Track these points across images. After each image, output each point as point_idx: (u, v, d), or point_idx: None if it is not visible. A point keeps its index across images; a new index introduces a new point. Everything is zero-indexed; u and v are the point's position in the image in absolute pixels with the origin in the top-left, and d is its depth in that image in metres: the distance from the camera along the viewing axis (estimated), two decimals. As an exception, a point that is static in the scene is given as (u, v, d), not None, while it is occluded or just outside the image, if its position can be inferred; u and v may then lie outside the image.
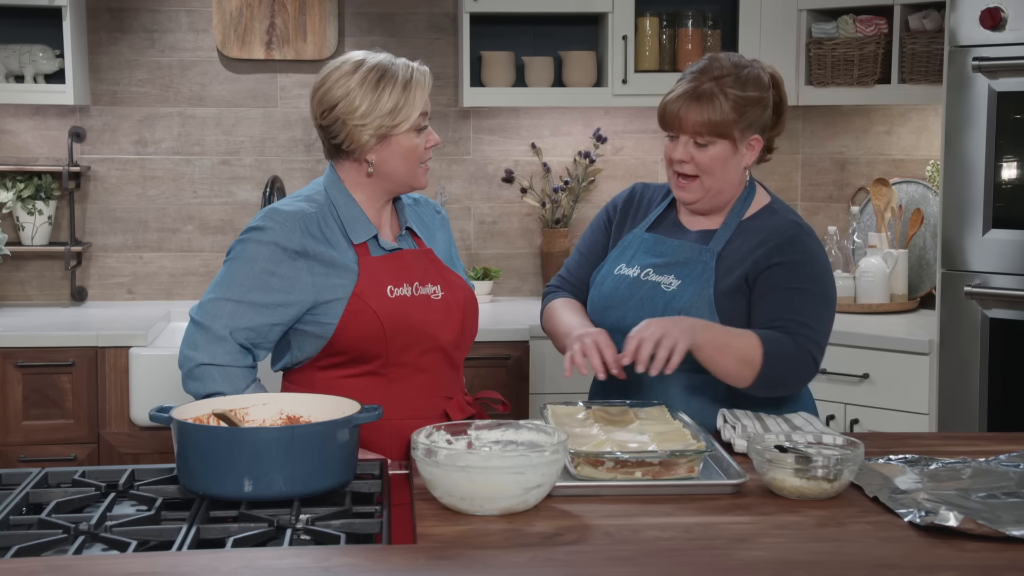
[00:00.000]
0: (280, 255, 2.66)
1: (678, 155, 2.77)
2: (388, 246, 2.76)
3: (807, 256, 2.74)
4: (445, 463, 2.08)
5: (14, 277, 4.82)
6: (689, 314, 2.70)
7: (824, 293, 2.74)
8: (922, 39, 4.42)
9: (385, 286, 2.71)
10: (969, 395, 3.99)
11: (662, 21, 4.75)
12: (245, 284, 2.66)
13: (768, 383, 2.66)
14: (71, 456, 4.15)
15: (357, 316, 2.68)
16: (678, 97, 2.75)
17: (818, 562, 1.88)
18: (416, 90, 2.71)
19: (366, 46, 4.79)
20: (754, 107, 2.75)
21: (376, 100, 2.67)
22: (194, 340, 2.66)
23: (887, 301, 4.59)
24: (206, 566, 1.83)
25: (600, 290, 2.86)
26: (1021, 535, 1.94)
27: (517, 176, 4.95)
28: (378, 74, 2.69)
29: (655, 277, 2.79)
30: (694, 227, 2.85)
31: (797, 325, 2.68)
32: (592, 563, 1.87)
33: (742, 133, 2.75)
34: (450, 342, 2.78)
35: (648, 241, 2.86)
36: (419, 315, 2.73)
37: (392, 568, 1.84)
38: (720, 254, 2.76)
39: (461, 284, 2.85)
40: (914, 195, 4.77)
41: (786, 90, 2.88)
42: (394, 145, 2.72)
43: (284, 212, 2.71)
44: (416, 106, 2.71)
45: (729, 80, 2.73)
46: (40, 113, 4.76)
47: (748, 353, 2.61)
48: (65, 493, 2.24)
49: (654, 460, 2.26)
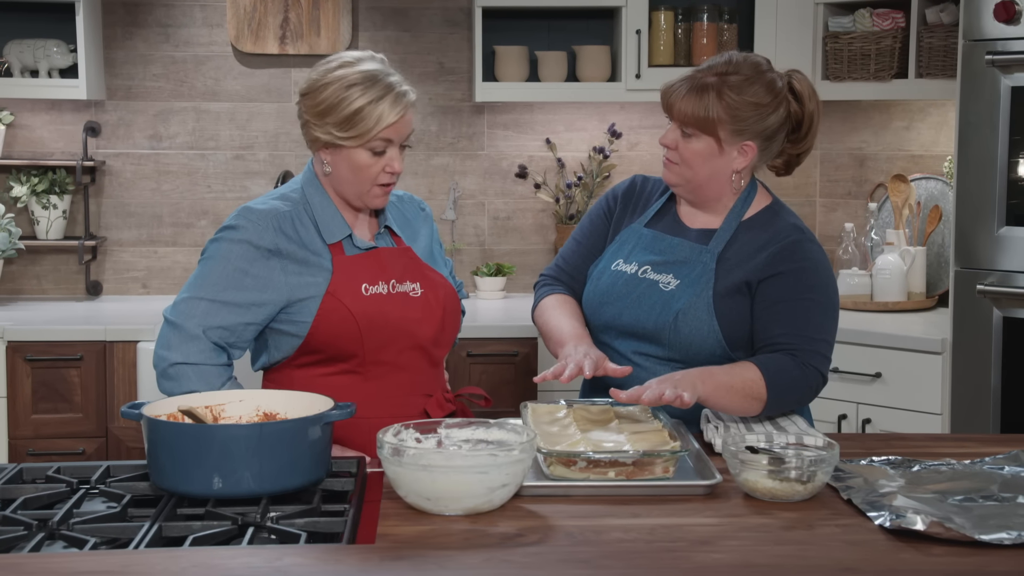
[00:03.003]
0: (253, 254, 2.65)
1: (666, 140, 2.74)
2: (364, 244, 2.74)
3: (809, 263, 2.68)
4: (408, 462, 2.06)
5: (30, 271, 4.84)
6: (687, 315, 2.67)
7: (828, 302, 2.69)
8: (939, 33, 4.36)
9: (360, 284, 2.69)
10: (982, 395, 3.92)
11: (677, 15, 4.71)
12: (219, 283, 2.65)
13: (777, 407, 2.63)
14: (79, 450, 4.17)
15: (331, 314, 2.66)
16: (679, 83, 2.72)
17: (777, 565, 1.85)
18: (383, 113, 2.63)
19: (380, 41, 4.82)
20: (750, 113, 2.66)
21: (336, 104, 2.64)
22: (168, 340, 2.65)
23: (904, 299, 4.53)
24: (157, 564, 1.82)
25: (597, 285, 2.82)
26: (989, 540, 1.90)
27: (531, 172, 4.92)
28: (354, 81, 2.64)
29: (653, 275, 2.75)
30: (694, 225, 2.80)
31: (801, 341, 2.63)
32: (547, 565, 1.85)
33: (731, 136, 2.68)
34: (429, 339, 2.76)
35: (647, 237, 2.81)
36: (396, 313, 2.71)
37: (343, 568, 1.82)
38: (720, 255, 2.72)
39: (441, 282, 2.82)
40: (933, 191, 4.70)
41: (817, 107, 2.75)
42: (345, 155, 2.68)
43: (257, 211, 2.69)
44: (374, 128, 2.63)
45: (733, 79, 2.66)
46: (56, 108, 4.78)
47: (751, 389, 2.56)
48: (36, 489, 2.23)
49: (627, 460, 2.23)
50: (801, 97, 2.74)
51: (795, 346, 2.62)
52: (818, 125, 2.78)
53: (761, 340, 2.67)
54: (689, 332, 2.66)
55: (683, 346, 2.67)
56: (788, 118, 2.73)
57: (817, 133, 2.80)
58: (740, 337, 2.68)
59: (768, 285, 2.66)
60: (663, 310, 2.69)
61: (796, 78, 2.76)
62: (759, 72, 2.70)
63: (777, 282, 2.66)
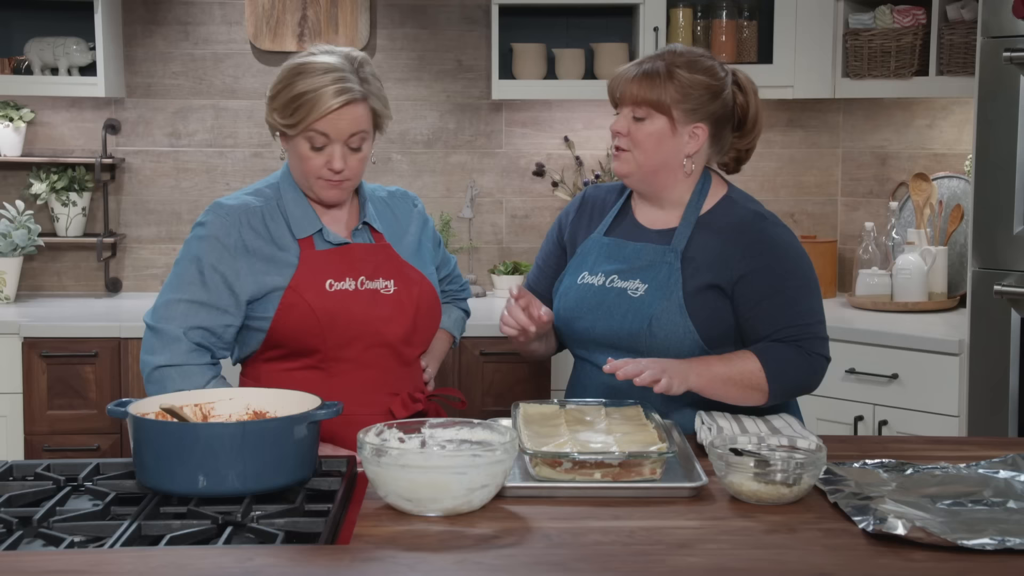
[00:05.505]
0: (221, 252, 2.66)
1: (616, 127, 2.74)
2: (336, 240, 2.73)
3: (780, 250, 2.68)
4: (387, 463, 2.05)
5: (50, 268, 4.87)
6: (660, 320, 2.66)
7: (808, 281, 2.70)
8: (960, 30, 4.30)
9: (324, 280, 2.68)
10: (1000, 397, 3.87)
11: (696, 12, 4.67)
12: (193, 284, 2.66)
13: (783, 395, 2.65)
14: (94, 446, 4.19)
15: (292, 310, 2.66)
16: (625, 71, 2.74)
17: (753, 569, 1.82)
18: (318, 102, 2.59)
19: (398, 38, 4.81)
20: (701, 92, 2.68)
21: (282, 89, 2.64)
22: (151, 345, 2.66)
23: (925, 299, 4.48)
24: (127, 564, 1.82)
25: (565, 301, 2.81)
26: (971, 545, 1.87)
27: (549, 170, 4.90)
28: (304, 69, 2.63)
29: (620, 283, 2.74)
30: (653, 225, 2.78)
31: (798, 331, 2.65)
32: (519, 567, 1.83)
33: (684, 116, 2.69)
34: (398, 338, 2.74)
35: (608, 246, 2.80)
36: (362, 310, 2.69)
37: (313, 569, 1.81)
38: (684, 254, 2.70)
39: (419, 279, 2.80)
40: (955, 190, 4.65)
41: (758, 103, 2.80)
42: (292, 145, 2.68)
43: (226, 207, 2.70)
44: (308, 116, 2.60)
45: (680, 61, 2.70)
46: (76, 105, 4.80)
47: (750, 379, 2.60)
48: (22, 486, 2.24)
49: (613, 462, 2.21)
50: (745, 89, 2.78)
51: (793, 336, 2.64)
52: (762, 120, 2.82)
53: (755, 340, 2.66)
54: (665, 336, 2.65)
55: (661, 350, 2.65)
56: (735, 107, 2.76)
57: (762, 130, 2.83)
58: (717, 334, 2.67)
59: (745, 285, 2.66)
60: (636, 317, 2.68)
61: (739, 72, 2.81)
62: (703, 57, 2.75)
63: (754, 280, 2.66)
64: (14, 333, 4.18)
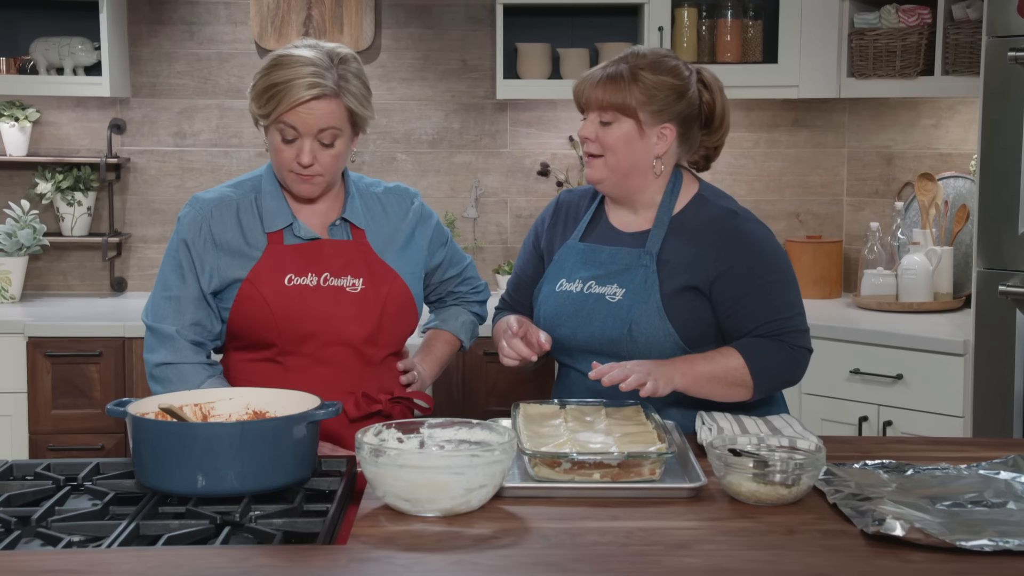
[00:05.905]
0: (191, 245, 2.70)
1: (584, 132, 2.74)
2: (307, 235, 2.72)
3: (754, 246, 2.69)
4: (385, 463, 2.04)
5: (55, 268, 4.87)
6: (639, 324, 2.66)
7: (783, 275, 2.70)
8: (966, 29, 4.29)
9: (284, 275, 2.69)
10: (1005, 398, 3.86)
11: (701, 11, 4.67)
12: (178, 279, 2.71)
13: (768, 389, 2.68)
14: (99, 446, 4.19)
15: (247, 302, 2.68)
16: (589, 75, 2.74)
17: (750, 570, 1.82)
18: (287, 93, 2.59)
19: (403, 38, 4.81)
20: (666, 93, 2.68)
21: (261, 77, 2.64)
22: (150, 344, 2.71)
23: (930, 300, 4.47)
24: (123, 564, 1.82)
25: (545, 308, 2.80)
26: (969, 546, 1.86)
27: (553, 169, 4.90)
28: (283, 61, 2.63)
29: (598, 288, 2.73)
30: (627, 228, 2.78)
31: (778, 325, 2.66)
32: (515, 568, 1.83)
33: (651, 117, 2.68)
34: (360, 338, 2.72)
35: (583, 252, 2.80)
36: (321, 307, 2.69)
37: (309, 569, 1.81)
38: (660, 257, 2.70)
39: (391, 279, 2.76)
40: (961, 190, 4.64)
41: (724, 100, 2.79)
42: (268, 136, 2.70)
43: (200, 200, 2.75)
44: (278, 107, 2.60)
45: (644, 63, 2.69)
46: (82, 105, 4.80)
47: (735, 375, 2.61)
48: (22, 486, 2.24)
49: (612, 462, 2.20)
50: (710, 87, 2.78)
51: (775, 331, 2.66)
52: (729, 117, 2.81)
53: (736, 337, 2.68)
54: (646, 340, 2.65)
55: (642, 353, 2.65)
56: (701, 106, 2.76)
57: (729, 127, 2.83)
58: (697, 334, 2.68)
59: (723, 283, 2.67)
60: (615, 322, 2.68)
61: (704, 70, 2.80)
62: (666, 58, 2.74)
63: (731, 277, 2.67)
64: (19, 332, 4.19)
